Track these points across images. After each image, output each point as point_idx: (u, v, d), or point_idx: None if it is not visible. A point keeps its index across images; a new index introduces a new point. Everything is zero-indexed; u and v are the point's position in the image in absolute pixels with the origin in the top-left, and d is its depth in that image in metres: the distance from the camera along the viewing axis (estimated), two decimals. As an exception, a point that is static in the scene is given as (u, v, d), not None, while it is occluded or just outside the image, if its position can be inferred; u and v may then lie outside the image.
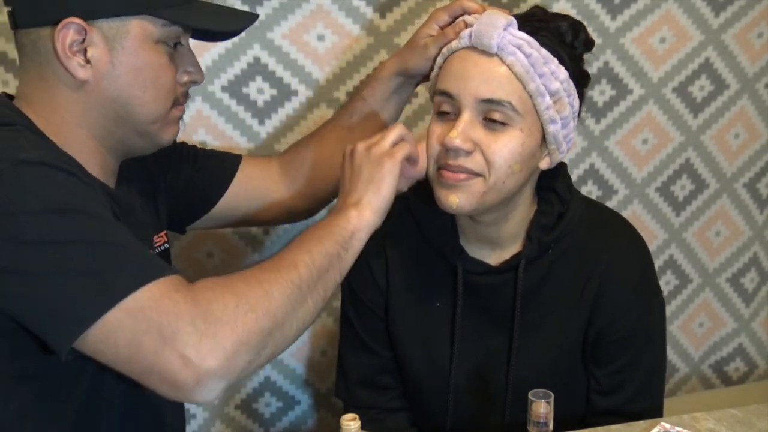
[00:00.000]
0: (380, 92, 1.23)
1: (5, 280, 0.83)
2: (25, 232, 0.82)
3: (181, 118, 1.05)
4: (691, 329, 1.82)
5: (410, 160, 1.05)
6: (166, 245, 1.14)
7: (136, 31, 0.95)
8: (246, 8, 1.36)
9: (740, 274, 1.82)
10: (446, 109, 1.04)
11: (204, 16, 1.01)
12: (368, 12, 1.42)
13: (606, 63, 1.56)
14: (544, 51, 1.01)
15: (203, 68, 1.06)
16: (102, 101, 0.96)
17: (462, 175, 1.02)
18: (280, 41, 1.39)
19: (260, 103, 1.43)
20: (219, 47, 1.37)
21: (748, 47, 1.64)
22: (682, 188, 1.71)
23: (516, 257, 1.12)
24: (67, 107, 0.96)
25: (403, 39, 1.44)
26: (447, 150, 1.02)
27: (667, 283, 1.76)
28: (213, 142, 1.42)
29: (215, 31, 1.04)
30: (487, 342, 1.16)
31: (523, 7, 1.48)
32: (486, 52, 1.01)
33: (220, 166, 1.24)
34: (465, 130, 1.01)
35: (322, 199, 1.29)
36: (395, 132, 1.04)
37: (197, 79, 1.04)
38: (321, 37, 1.41)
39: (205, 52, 1.37)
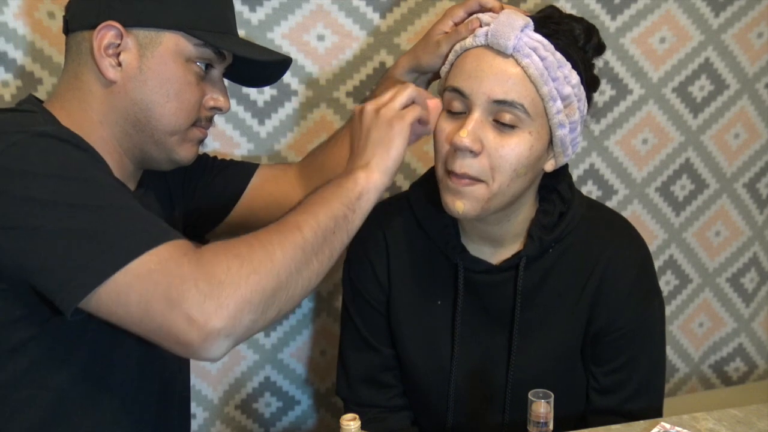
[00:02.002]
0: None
1: (16, 236, 0.86)
2: (38, 192, 0.87)
3: (201, 141, 1.09)
4: (691, 329, 1.82)
5: (420, 120, 1.03)
6: None
7: (168, 44, 1.01)
8: (246, 9, 1.36)
9: (740, 274, 1.82)
10: (456, 107, 1.03)
11: (237, 46, 1.06)
12: (368, 12, 1.42)
13: (606, 63, 1.56)
14: (558, 55, 1.01)
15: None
16: (125, 103, 1.01)
17: (465, 181, 1.02)
18: (280, 41, 1.39)
19: (260, 103, 1.43)
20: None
21: (748, 47, 1.64)
22: (682, 188, 1.71)
23: (517, 256, 1.12)
24: (93, 104, 1.02)
25: (403, 39, 1.45)
26: (455, 150, 1.02)
27: (667, 283, 1.76)
28: (213, 142, 1.42)
29: (251, 62, 1.07)
30: (487, 340, 1.16)
31: (523, 6, 1.48)
32: (501, 53, 1.01)
33: (236, 174, 1.27)
34: (474, 130, 1.00)
35: None
36: (406, 93, 1.02)
37: (222, 107, 1.08)
38: (321, 37, 1.41)
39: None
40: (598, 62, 1.54)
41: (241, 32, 1.37)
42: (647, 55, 1.58)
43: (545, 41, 1.01)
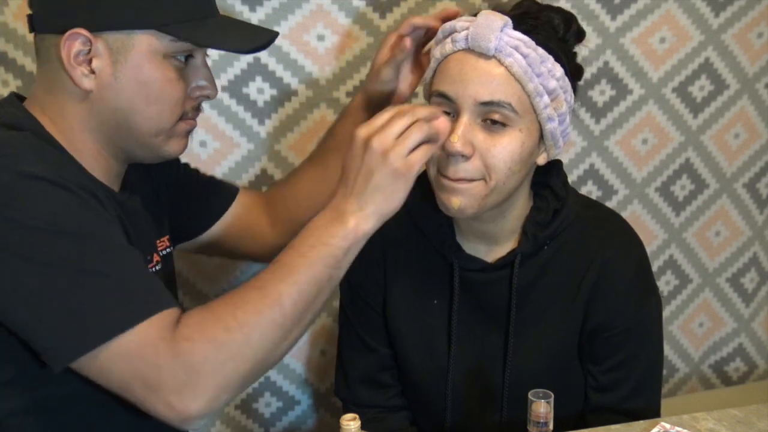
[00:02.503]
0: (350, 126, 1.20)
1: (4, 291, 0.85)
2: (24, 246, 0.84)
3: (189, 132, 1.04)
4: (691, 329, 1.82)
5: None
6: (169, 249, 1.14)
7: (142, 46, 0.95)
8: (245, 8, 1.36)
9: (740, 274, 1.82)
10: (444, 111, 1.03)
11: (217, 33, 0.99)
12: (368, 12, 1.42)
13: (606, 63, 1.56)
14: (540, 50, 1.01)
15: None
16: (105, 111, 0.97)
17: (461, 181, 1.02)
18: (280, 41, 1.39)
19: (260, 103, 1.43)
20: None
21: (748, 47, 1.64)
22: (682, 188, 1.71)
23: (511, 254, 1.12)
24: (73, 113, 0.97)
25: (403, 39, 1.44)
26: (447, 155, 1.02)
27: (667, 283, 1.76)
28: (213, 142, 1.42)
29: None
30: (484, 339, 1.16)
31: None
32: (483, 54, 1.01)
33: (216, 195, 1.26)
34: (464, 134, 1.01)
35: None
36: (418, 134, 0.93)
37: (210, 94, 1.03)
38: (321, 37, 1.41)
39: (205, 52, 1.37)
40: (598, 62, 1.55)
41: (241, 32, 1.37)
42: (647, 55, 1.58)
43: (526, 38, 1.01)
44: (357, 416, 0.85)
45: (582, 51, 1.50)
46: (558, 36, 1.05)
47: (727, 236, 1.78)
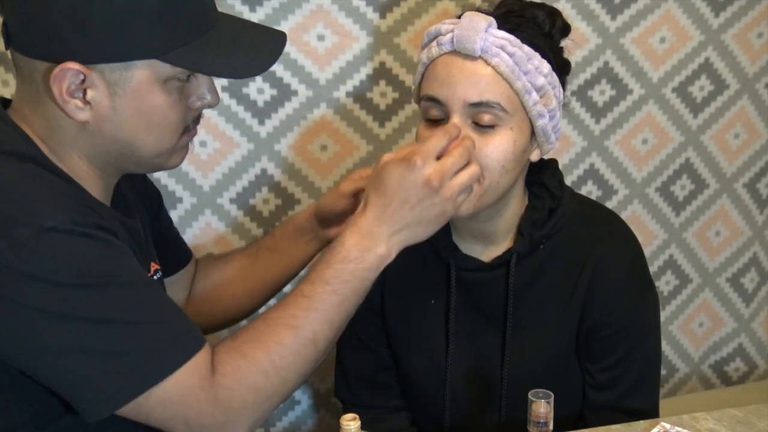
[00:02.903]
0: (290, 231, 1.23)
1: (27, 348, 0.84)
2: (57, 306, 0.83)
3: (190, 140, 1.01)
4: (691, 329, 1.82)
5: None
6: (159, 274, 1.10)
7: (141, 76, 0.88)
8: (246, 9, 1.36)
9: (740, 274, 1.82)
10: (434, 115, 1.04)
11: (220, 55, 0.91)
12: (368, 12, 1.42)
13: (606, 63, 1.56)
14: (526, 48, 1.02)
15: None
16: (103, 141, 0.93)
17: None
18: (280, 41, 1.39)
19: (260, 103, 1.43)
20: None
21: (748, 47, 1.64)
22: (682, 188, 1.71)
23: (507, 253, 1.12)
24: (68, 140, 0.93)
25: (403, 39, 1.44)
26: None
27: (667, 283, 1.76)
28: (213, 142, 1.42)
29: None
30: (481, 339, 1.16)
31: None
32: (469, 56, 1.01)
33: (179, 250, 1.24)
34: None
35: (212, 324, 1.26)
36: (470, 177, 0.97)
37: (211, 104, 0.98)
38: (321, 37, 1.41)
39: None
40: (598, 62, 1.55)
41: (241, 32, 1.37)
42: (647, 55, 1.58)
43: (511, 37, 1.01)
44: (357, 416, 0.85)
45: (582, 51, 1.52)
46: (543, 32, 1.05)
47: (727, 236, 1.78)
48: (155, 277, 1.06)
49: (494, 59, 1.00)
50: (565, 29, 1.08)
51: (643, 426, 1.07)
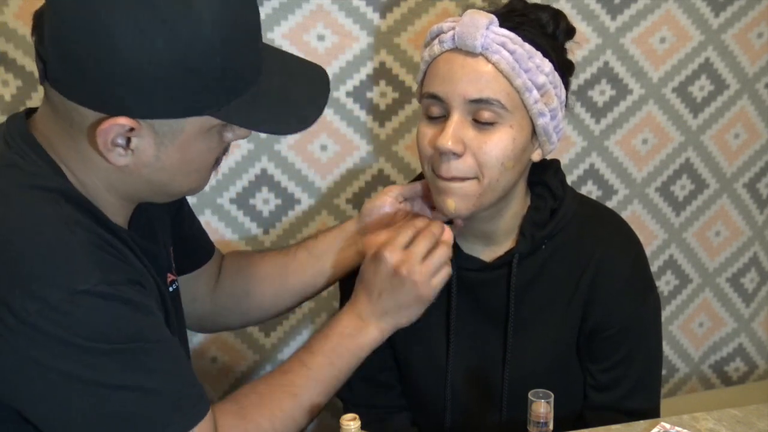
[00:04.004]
0: (332, 234, 1.21)
1: (52, 407, 0.85)
2: (81, 370, 0.83)
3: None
4: (691, 329, 1.82)
5: None
6: (176, 284, 1.09)
7: (191, 128, 0.86)
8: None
9: (740, 274, 1.82)
10: (435, 112, 1.05)
11: (271, 104, 0.89)
12: (368, 12, 1.42)
13: (606, 63, 1.56)
14: (527, 46, 1.02)
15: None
16: (138, 181, 0.91)
17: (455, 179, 1.03)
18: (281, 41, 1.39)
19: (260, 103, 1.43)
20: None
21: (748, 47, 1.64)
22: (682, 188, 1.71)
23: (509, 253, 1.12)
24: (98, 175, 0.90)
25: (403, 39, 1.45)
26: (440, 153, 1.03)
27: (667, 283, 1.76)
28: (213, 142, 1.42)
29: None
30: (482, 339, 1.16)
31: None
32: (470, 53, 1.01)
33: (202, 246, 1.22)
34: (455, 132, 1.01)
35: (229, 322, 1.28)
36: (440, 258, 1.05)
37: (245, 137, 0.96)
38: (321, 37, 1.41)
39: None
40: (598, 62, 1.55)
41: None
42: (647, 55, 1.58)
43: (512, 35, 1.02)
44: (357, 416, 0.85)
45: (582, 51, 1.52)
46: (547, 33, 1.06)
47: (727, 236, 1.78)
48: (171, 289, 1.06)
49: (495, 56, 1.00)
50: (570, 31, 1.09)
51: (643, 426, 1.07)
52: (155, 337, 0.89)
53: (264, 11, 1.37)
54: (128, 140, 0.85)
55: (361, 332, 1.05)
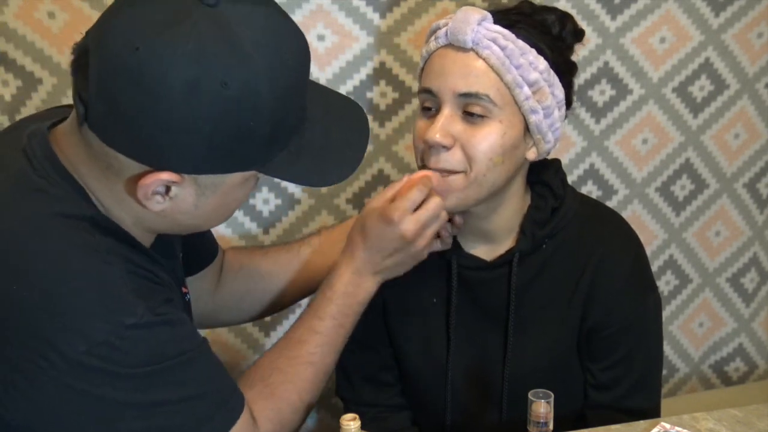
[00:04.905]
0: (336, 232, 1.23)
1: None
2: (133, 395, 0.84)
3: None
4: (691, 329, 1.82)
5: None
6: (188, 296, 1.09)
7: (233, 180, 0.86)
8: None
9: (740, 274, 1.82)
10: (428, 105, 1.07)
11: (314, 157, 0.88)
12: (368, 12, 1.42)
13: (606, 63, 1.56)
14: (520, 42, 1.03)
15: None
16: (171, 222, 0.90)
17: (444, 174, 1.04)
18: (280, 41, 1.39)
19: (260, 103, 1.43)
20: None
21: (748, 47, 1.64)
22: (682, 188, 1.71)
23: (510, 252, 1.12)
24: (129, 212, 0.88)
25: (403, 39, 1.45)
26: (429, 146, 1.04)
27: (667, 283, 1.76)
28: (213, 142, 1.42)
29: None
30: (482, 338, 1.16)
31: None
32: (462, 48, 1.03)
33: (207, 244, 1.21)
34: (444, 126, 1.03)
35: (231, 318, 1.28)
36: (437, 221, 1.06)
37: None
38: (321, 37, 1.41)
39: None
40: (598, 62, 1.55)
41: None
42: (647, 55, 1.58)
43: (505, 31, 1.03)
44: (357, 416, 0.85)
45: (582, 51, 1.52)
46: (551, 34, 1.06)
47: (727, 236, 1.78)
48: (186, 299, 1.07)
49: (485, 51, 1.02)
50: (578, 34, 1.09)
51: (643, 426, 1.07)
52: (194, 344, 0.90)
53: (264, 11, 1.37)
54: (168, 188, 0.84)
55: (360, 287, 1.07)
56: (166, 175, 0.82)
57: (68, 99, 1.35)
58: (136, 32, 0.77)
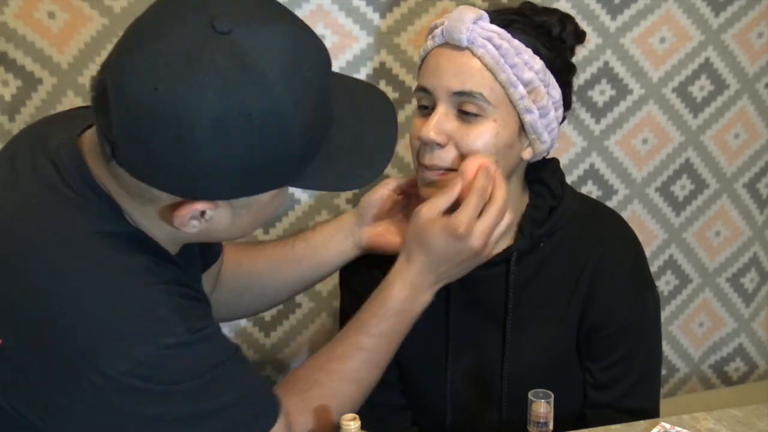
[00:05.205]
0: (329, 226, 1.22)
1: None
2: (179, 408, 0.85)
3: None
4: (691, 329, 1.82)
5: None
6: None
7: (267, 196, 0.86)
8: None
9: (740, 274, 1.82)
10: (424, 104, 1.08)
11: (342, 162, 0.87)
12: (368, 12, 1.42)
13: (606, 63, 1.56)
14: (516, 42, 1.03)
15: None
16: (206, 237, 0.92)
17: (438, 171, 1.06)
18: (280, 41, 1.39)
19: (260, 103, 1.43)
20: (219, 47, 1.37)
21: (748, 47, 1.64)
22: (682, 188, 1.71)
23: (507, 251, 1.12)
24: (162, 231, 0.89)
25: (403, 39, 1.44)
26: (424, 144, 1.05)
27: (667, 283, 1.76)
28: (213, 142, 1.42)
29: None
30: (481, 337, 1.16)
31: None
32: (458, 47, 1.04)
33: (206, 250, 1.20)
34: (439, 124, 1.04)
35: (232, 313, 1.27)
36: (502, 226, 1.04)
37: None
38: (321, 37, 1.40)
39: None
40: (598, 62, 1.55)
41: (241, 32, 1.37)
42: (647, 55, 1.58)
43: (501, 30, 1.03)
44: (357, 416, 0.85)
45: (582, 51, 1.52)
46: (552, 35, 1.07)
47: (727, 236, 1.77)
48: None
49: (480, 50, 1.02)
50: (579, 35, 1.10)
51: (643, 426, 1.07)
52: (229, 353, 0.91)
53: (264, 11, 1.37)
54: (203, 212, 0.84)
55: (416, 302, 1.05)
56: (200, 205, 0.82)
57: (68, 99, 1.35)
58: (153, 72, 0.75)
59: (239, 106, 0.75)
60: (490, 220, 1.02)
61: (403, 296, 1.04)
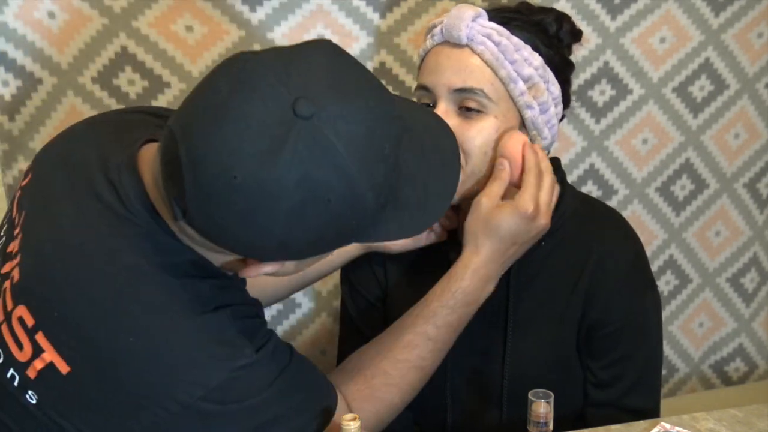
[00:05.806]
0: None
1: None
2: (257, 418, 0.88)
3: None
4: (691, 329, 1.82)
5: None
6: None
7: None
8: (246, 8, 1.36)
9: (740, 274, 1.82)
10: (425, 102, 1.08)
11: (407, 212, 0.86)
12: (368, 12, 1.42)
13: (606, 63, 1.56)
14: (515, 38, 1.04)
15: (202, 67, 1.04)
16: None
17: None
18: (281, 41, 1.39)
19: (260, 103, 1.43)
20: (219, 47, 1.37)
21: (748, 47, 1.64)
22: (682, 188, 1.71)
23: None
24: (222, 260, 0.89)
25: (403, 39, 1.44)
26: None
27: (667, 283, 1.76)
28: (213, 142, 1.42)
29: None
30: (481, 336, 1.16)
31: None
32: (457, 45, 1.05)
33: None
34: None
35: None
36: (556, 194, 1.08)
37: None
38: (320, 37, 1.41)
39: (205, 51, 1.36)
40: (598, 62, 1.55)
41: (241, 33, 1.37)
42: (647, 55, 1.58)
43: (499, 27, 1.04)
44: (357, 416, 0.85)
45: (582, 51, 1.52)
46: (549, 33, 1.07)
47: (727, 236, 1.78)
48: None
49: (479, 47, 1.03)
50: (575, 34, 1.11)
51: (643, 426, 1.07)
52: (288, 357, 0.93)
53: (264, 11, 1.37)
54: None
55: (483, 291, 1.07)
56: (269, 267, 0.85)
57: (68, 99, 1.35)
58: (233, 159, 0.72)
59: (320, 194, 0.75)
60: (547, 194, 1.05)
61: (473, 287, 1.05)
